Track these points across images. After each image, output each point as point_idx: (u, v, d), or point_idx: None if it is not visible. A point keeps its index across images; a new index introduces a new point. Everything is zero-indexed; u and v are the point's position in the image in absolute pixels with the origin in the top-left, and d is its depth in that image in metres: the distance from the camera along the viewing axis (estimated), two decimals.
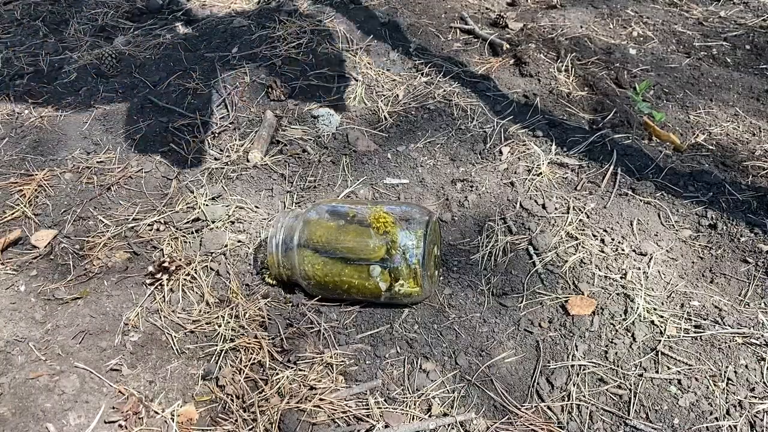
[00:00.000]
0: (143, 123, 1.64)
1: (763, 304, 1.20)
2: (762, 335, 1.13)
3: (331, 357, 1.13)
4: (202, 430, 1.05)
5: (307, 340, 1.16)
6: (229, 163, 1.52)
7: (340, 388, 1.09)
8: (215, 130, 1.61)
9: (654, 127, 1.60)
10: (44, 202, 1.45)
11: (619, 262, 1.26)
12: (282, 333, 1.17)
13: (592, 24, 2.04)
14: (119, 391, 1.09)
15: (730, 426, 1.02)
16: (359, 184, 1.46)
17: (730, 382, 1.07)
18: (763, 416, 1.03)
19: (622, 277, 1.24)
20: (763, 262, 1.27)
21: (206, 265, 1.29)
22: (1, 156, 1.58)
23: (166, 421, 1.05)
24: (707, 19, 2.09)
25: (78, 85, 1.79)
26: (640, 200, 1.40)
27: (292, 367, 1.12)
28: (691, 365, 1.10)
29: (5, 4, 2.21)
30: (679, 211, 1.38)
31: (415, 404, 1.07)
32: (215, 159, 1.53)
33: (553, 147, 1.53)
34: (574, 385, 1.08)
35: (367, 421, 1.04)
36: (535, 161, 1.49)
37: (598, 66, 1.82)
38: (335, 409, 1.06)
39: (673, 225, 1.36)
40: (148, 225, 1.39)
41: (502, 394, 1.08)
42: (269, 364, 1.12)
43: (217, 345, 1.16)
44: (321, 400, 1.07)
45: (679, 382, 1.08)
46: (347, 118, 1.63)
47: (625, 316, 1.17)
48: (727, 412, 1.04)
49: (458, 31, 1.99)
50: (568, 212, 1.36)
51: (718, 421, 1.02)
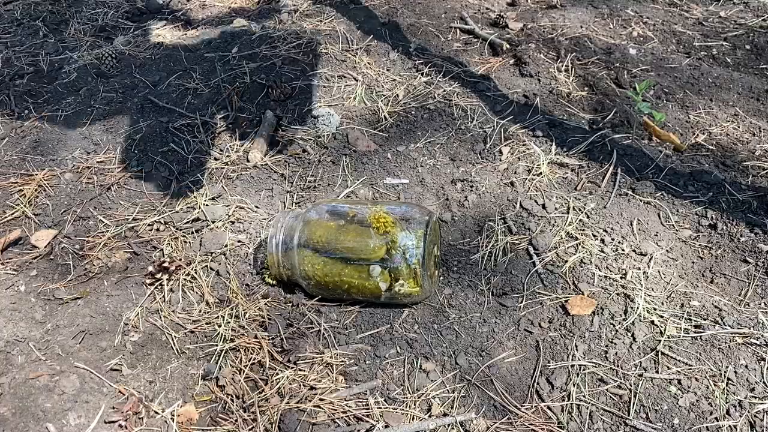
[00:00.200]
0: (143, 123, 1.64)
1: (763, 304, 1.20)
2: (762, 335, 1.13)
3: (331, 357, 1.13)
4: (202, 430, 1.05)
5: (307, 340, 1.16)
6: (229, 163, 1.52)
7: (340, 388, 1.09)
8: (215, 130, 1.61)
9: (654, 127, 1.60)
10: (44, 202, 1.45)
11: (619, 262, 1.26)
12: (282, 333, 1.17)
13: (592, 24, 2.05)
14: (119, 391, 1.09)
15: (730, 426, 1.02)
16: (359, 184, 1.46)
17: (730, 382, 1.07)
18: (763, 416, 1.03)
19: (622, 277, 1.24)
20: (763, 262, 1.27)
21: (206, 265, 1.29)
22: (1, 156, 1.58)
23: (166, 421, 1.05)
24: (707, 19, 2.09)
25: (78, 85, 1.79)
26: (640, 200, 1.40)
27: (292, 367, 1.12)
28: (691, 365, 1.10)
29: (5, 4, 2.21)
30: (679, 211, 1.39)
31: (415, 404, 1.07)
32: (215, 159, 1.53)
33: (553, 147, 1.53)
34: (574, 385, 1.08)
35: (367, 421, 1.04)
36: (535, 161, 1.49)
37: (598, 66, 1.82)
38: (335, 409, 1.06)
39: (673, 225, 1.36)
40: (148, 225, 1.39)
41: (502, 394, 1.08)
42: (269, 364, 1.12)
43: (217, 345, 1.16)
44: (321, 400, 1.07)
45: (679, 382, 1.08)
46: (347, 118, 1.63)
47: (625, 316, 1.17)
48: (727, 412, 1.04)
49: (458, 31, 1.99)
50: (568, 212, 1.36)
51: (718, 421, 1.03)
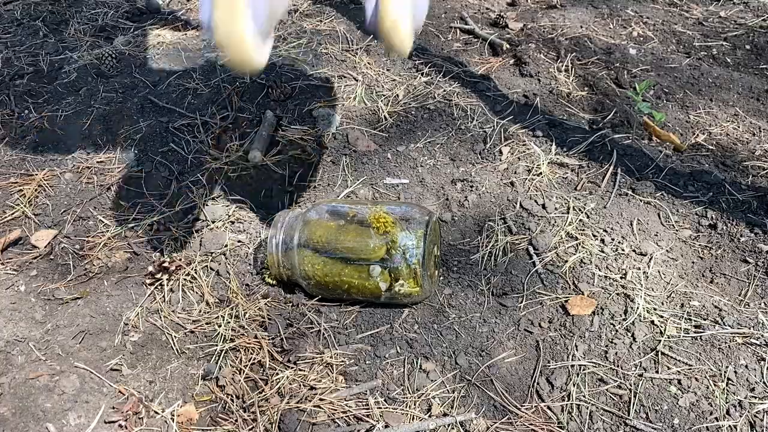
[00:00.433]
0: (143, 123, 1.64)
1: (763, 304, 1.20)
2: (762, 335, 1.13)
3: (331, 357, 1.13)
4: (202, 430, 1.05)
5: (307, 340, 1.16)
6: (229, 163, 1.52)
7: (340, 388, 1.09)
8: (215, 130, 1.61)
9: (654, 127, 1.60)
10: (44, 202, 1.45)
11: (619, 262, 1.26)
12: (282, 333, 1.17)
13: (592, 24, 2.05)
14: (119, 391, 1.09)
15: (730, 426, 1.02)
16: (359, 184, 1.46)
17: (730, 382, 1.07)
18: (763, 416, 1.03)
19: (622, 277, 1.24)
20: (763, 262, 1.27)
21: (206, 265, 1.29)
22: (1, 156, 1.58)
23: (166, 421, 1.05)
24: (707, 19, 2.09)
25: (78, 85, 1.79)
26: (640, 200, 1.40)
27: (292, 367, 1.12)
28: (691, 365, 1.10)
29: (5, 4, 2.21)
30: (679, 211, 1.39)
31: (415, 404, 1.07)
32: (215, 159, 1.53)
33: (553, 147, 1.53)
34: (574, 385, 1.08)
35: (367, 421, 1.04)
36: (535, 161, 1.49)
37: (598, 66, 1.82)
38: (335, 409, 1.06)
39: (673, 225, 1.36)
40: (148, 225, 1.39)
41: (502, 394, 1.08)
42: (269, 364, 1.12)
43: (217, 345, 1.16)
44: (321, 400, 1.07)
45: (679, 382, 1.08)
46: (347, 118, 1.63)
47: (625, 316, 1.17)
48: (727, 412, 1.04)
49: (458, 31, 1.99)
50: (568, 212, 1.36)
51: (718, 421, 1.03)
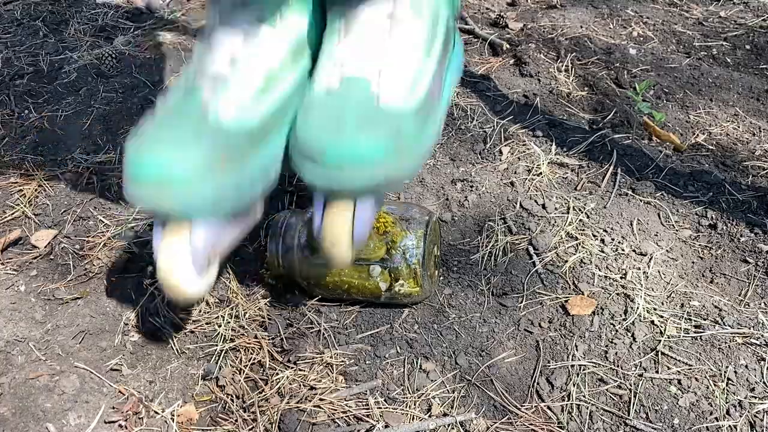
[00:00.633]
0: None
1: (763, 304, 1.20)
2: (762, 335, 1.13)
3: (331, 357, 1.13)
4: (202, 430, 1.05)
5: (307, 340, 1.16)
6: None
7: (340, 388, 1.09)
8: None
9: (654, 127, 1.60)
10: (44, 202, 1.45)
11: (619, 262, 1.27)
12: (282, 333, 1.17)
13: (592, 24, 2.05)
14: (119, 391, 1.09)
15: (730, 426, 1.02)
16: None
17: (730, 382, 1.07)
18: (763, 416, 1.03)
19: (622, 277, 1.24)
20: (763, 262, 1.27)
21: None
22: (1, 156, 1.58)
23: (166, 421, 1.05)
24: (707, 19, 2.09)
25: (78, 85, 1.79)
26: (640, 200, 1.40)
27: (292, 367, 1.12)
28: (691, 365, 1.10)
29: (5, 4, 2.21)
30: (679, 211, 1.39)
31: (415, 404, 1.07)
32: None
33: (553, 147, 1.53)
34: (574, 385, 1.08)
35: (367, 421, 1.04)
36: (535, 161, 1.49)
37: (598, 66, 1.82)
38: (335, 409, 1.06)
39: (673, 225, 1.36)
40: (149, 225, 1.38)
41: (502, 394, 1.08)
42: (269, 364, 1.12)
43: (217, 345, 1.16)
44: (321, 400, 1.07)
45: (679, 382, 1.08)
46: None
47: (625, 316, 1.17)
48: (727, 412, 1.04)
49: (458, 31, 1.99)
50: (568, 212, 1.36)
51: (718, 421, 1.03)
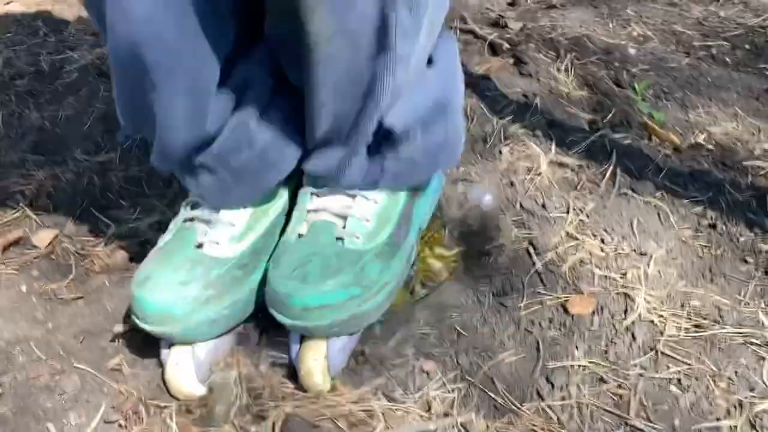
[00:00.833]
0: None
1: (763, 304, 1.20)
2: (762, 335, 1.13)
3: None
4: (203, 430, 1.05)
5: None
6: None
7: (341, 389, 1.09)
8: None
9: (654, 127, 1.60)
10: (45, 202, 1.45)
11: (619, 262, 1.27)
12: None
13: (592, 24, 2.05)
14: (119, 391, 1.09)
15: (730, 426, 1.02)
16: None
17: (730, 382, 1.07)
18: (763, 416, 1.03)
19: (622, 277, 1.24)
20: (763, 262, 1.27)
21: None
22: (1, 156, 1.58)
23: (165, 421, 1.05)
24: (707, 19, 2.09)
25: (79, 84, 1.79)
26: (640, 200, 1.40)
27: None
28: (691, 365, 1.10)
29: (6, 4, 2.21)
30: (679, 211, 1.39)
31: (415, 404, 1.07)
32: None
33: (553, 147, 1.53)
34: (575, 385, 1.08)
35: (368, 422, 1.04)
36: (535, 161, 1.49)
37: (597, 66, 1.82)
38: (336, 410, 1.06)
39: (673, 225, 1.36)
40: (149, 225, 1.38)
41: (503, 394, 1.08)
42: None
43: None
44: (323, 400, 1.07)
45: (679, 381, 1.08)
46: None
47: (625, 315, 1.17)
48: (727, 412, 1.04)
49: (458, 31, 1.99)
50: (568, 212, 1.36)
51: (718, 421, 1.03)
